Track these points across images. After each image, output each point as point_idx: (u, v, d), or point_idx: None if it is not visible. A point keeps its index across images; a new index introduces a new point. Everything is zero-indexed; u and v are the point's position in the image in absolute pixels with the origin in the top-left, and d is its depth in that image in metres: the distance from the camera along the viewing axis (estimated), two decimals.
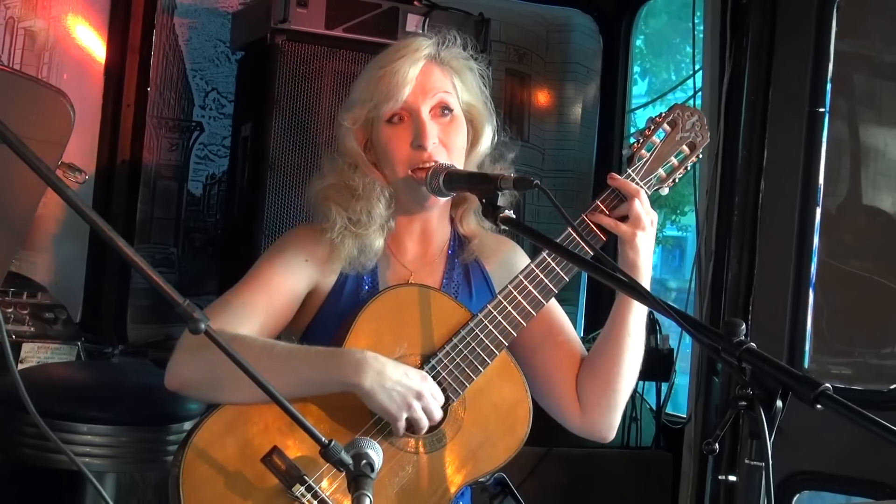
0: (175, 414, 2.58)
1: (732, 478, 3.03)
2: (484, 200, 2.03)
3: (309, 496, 1.98)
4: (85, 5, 3.54)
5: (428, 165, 2.09)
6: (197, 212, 3.71)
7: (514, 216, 2.00)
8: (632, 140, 2.24)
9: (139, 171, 3.59)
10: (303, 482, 1.98)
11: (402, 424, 1.97)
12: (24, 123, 2.49)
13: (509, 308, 2.06)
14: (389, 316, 2.09)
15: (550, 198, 1.98)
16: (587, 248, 2.04)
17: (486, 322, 2.06)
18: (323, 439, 1.82)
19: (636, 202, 2.08)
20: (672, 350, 3.60)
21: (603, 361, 2.16)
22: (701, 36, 3.51)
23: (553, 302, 2.16)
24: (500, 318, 2.07)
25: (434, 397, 1.98)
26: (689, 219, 4.09)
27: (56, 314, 2.99)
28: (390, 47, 2.23)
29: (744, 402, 1.56)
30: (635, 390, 3.68)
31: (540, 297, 2.08)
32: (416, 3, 3.45)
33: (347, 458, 1.85)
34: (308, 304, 2.17)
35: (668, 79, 6.39)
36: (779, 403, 1.56)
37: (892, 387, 2.91)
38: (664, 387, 3.59)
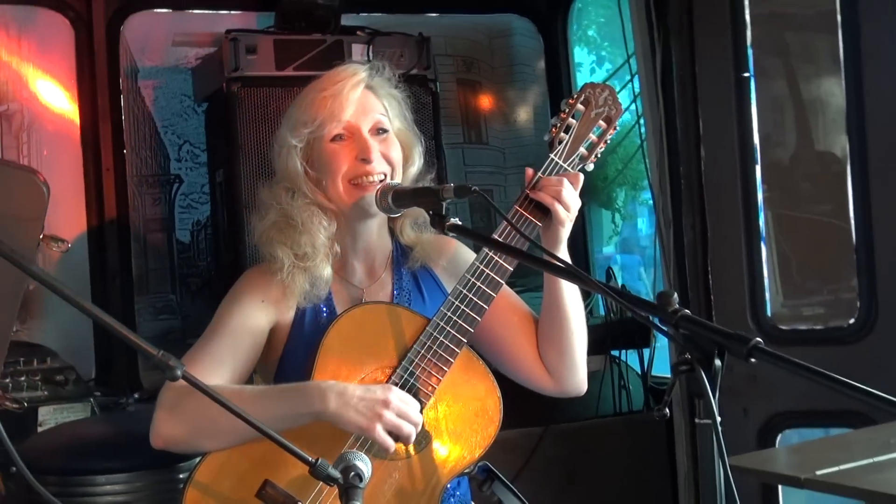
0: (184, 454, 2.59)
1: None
2: (431, 212, 2.03)
3: None
4: (53, 83, 3.54)
5: (371, 180, 2.10)
6: (188, 258, 3.70)
7: (459, 223, 2.00)
8: (551, 125, 2.21)
9: (128, 229, 3.58)
10: None
11: (380, 436, 1.95)
12: (4, 205, 2.50)
13: (462, 307, 2.05)
14: (351, 338, 2.07)
15: (489, 200, 1.99)
16: (524, 238, 2.05)
17: (442, 324, 2.05)
18: (310, 459, 1.81)
19: (556, 207, 2.08)
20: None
21: (552, 331, 2.17)
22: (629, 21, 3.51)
23: (503, 293, 2.15)
24: (455, 317, 2.05)
25: (403, 401, 1.97)
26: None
27: (66, 375, 2.99)
28: (329, 72, 2.23)
29: (685, 367, 1.55)
30: (619, 359, 3.71)
31: (489, 291, 2.07)
32: (358, 33, 3.44)
33: (336, 473, 1.84)
34: (274, 341, 2.16)
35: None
36: (717, 363, 1.55)
37: (852, 321, 2.89)
38: (646, 352, 3.58)
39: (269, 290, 2.13)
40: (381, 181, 2.13)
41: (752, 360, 1.52)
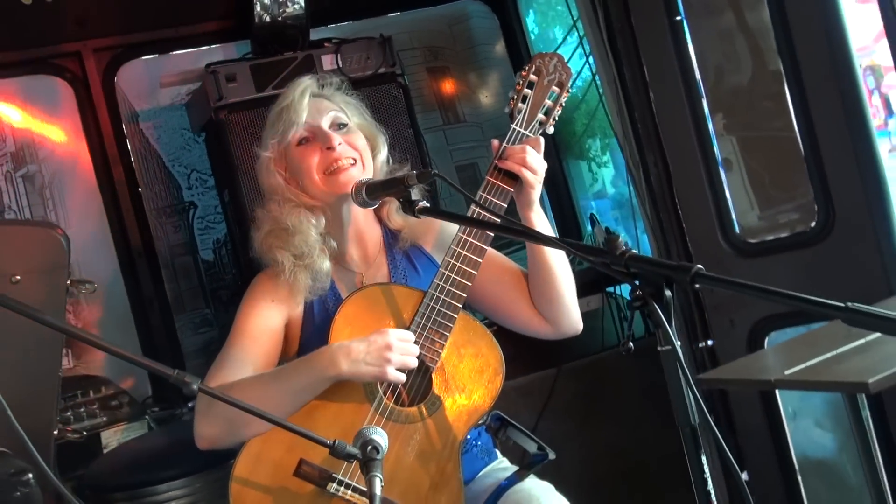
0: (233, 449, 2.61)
1: (710, 343, 3.00)
2: (401, 199, 2.03)
3: (342, 489, 1.99)
4: (64, 139, 3.55)
5: (341, 164, 2.12)
6: (215, 273, 3.72)
7: (428, 205, 2.00)
8: (509, 98, 2.20)
9: (156, 257, 3.59)
10: (333, 479, 2.00)
11: (392, 376, 1.97)
12: (25, 261, 2.52)
13: (453, 275, 2.08)
14: (356, 319, 2.10)
15: (449, 182, 1.98)
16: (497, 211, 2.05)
17: (437, 294, 2.07)
18: (327, 441, 1.83)
19: (523, 172, 2.08)
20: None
21: (540, 283, 2.18)
22: None
23: (492, 255, 2.16)
24: (447, 286, 2.08)
25: (402, 339, 2.00)
26: None
27: (120, 400, 3.02)
28: (282, 92, 2.27)
29: (639, 302, 1.55)
30: (615, 293, 3.68)
31: (474, 258, 2.09)
32: (325, 44, 3.42)
33: (354, 450, 1.86)
34: (290, 336, 2.19)
35: None
36: (667, 293, 1.54)
37: (813, 224, 2.86)
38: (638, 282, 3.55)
39: (277, 291, 2.16)
40: (350, 165, 2.14)
41: (696, 285, 1.51)
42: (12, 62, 3.45)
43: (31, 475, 2.01)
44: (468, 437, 2.20)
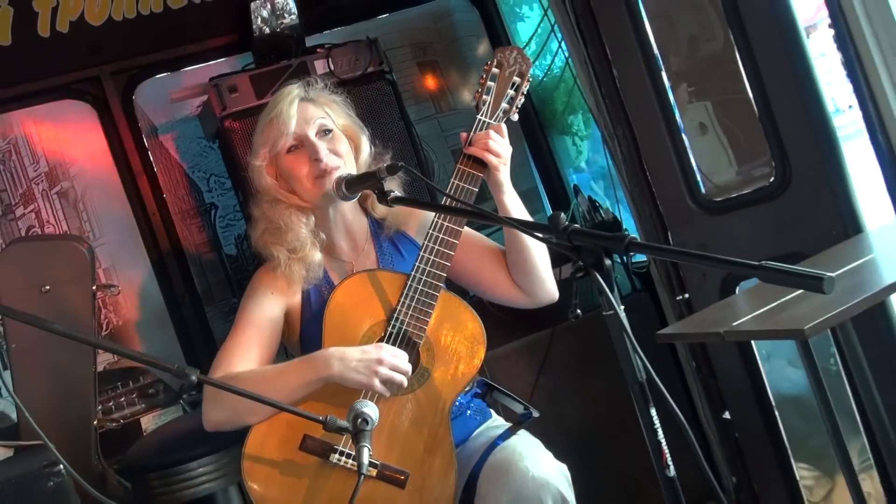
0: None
1: (686, 295, 2.96)
2: (376, 191, 2.03)
3: (343, 458, 2.01)
4: (91, 157, 3.57)
5: (327, 171, 2.12)
6: (239, 266, 3.73)
7: (400, 195, 2.00)
8: (475, 91, 2.20)
9: (184, 256, 3.61)
10: (335, 451, 2.01)
11: (378, 387, 1.97)
12: (53, 272, 2.55)
13: (432, 257, 2.08)
14: (347, 305, 2.11)
15: (416, 173, 1.98)
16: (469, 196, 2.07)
17: (419, 276, 2.08)
18: (319, 418, 1.84)
19: (488, 157, 2.07)
20: (615, 217, 3.52)
21: (515, 258, 2.18)
22: None
23: (466, 230, 2.14)
24: (428, 267, 2.08)
25: (394, 356, 1.99)
26: None
27: (156, 388, 3.05)
28: (271, 100, 2.26)
29: (581, 273, 1.53)
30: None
31: (451, 239, 2.08)
32: (318, 50, 3.40)
33: (344, 423, 1.87)
34: (291, 323, 2.20)
35: None
36: (607, 262, 1.52)
37: (772, 179, 2.81)
38: None
39: (276, 283, 2.17)
40: (335, 168, 2.14)
41: (631, 252, 1.49)
42: (39, 90, 3.46)
43: (62, 466, 2.04)
44: (459, 401, 2.20)
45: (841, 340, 1.81)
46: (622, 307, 1.53)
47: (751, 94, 2.79)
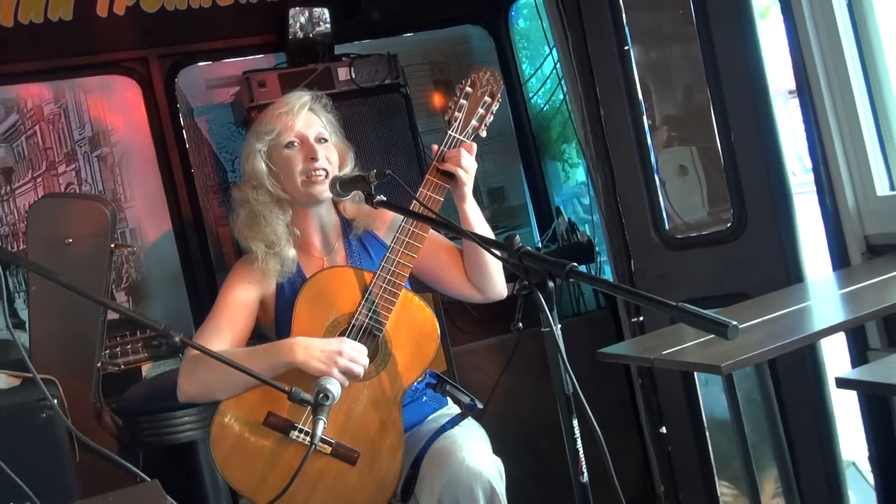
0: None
1: (641, 318, 2.96)
2: (364, 193, 2.02)
3: (302, 436, 2.01)
4: (131, 128, 3.57)
5: (318, 174, 2.14)
6: None
7: (384, 199, 1.99)
8: (448, 107, 2.16)
9: (203, 225, 3.60)
10: (295, 428, 2.01)
11: (338, 375, 1.97)
12: (77, 227, 2.56)
13: (397, 258, 2.06)
14: (315, 297, 2.10)
15: (401, 183, 1.97)
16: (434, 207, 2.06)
17: (383, 273, 2.06)
18: (285, 388, 1.84)
19: (458, 172, 2.07)
20: (590, 239, 3.51)
21: (472, 260, 2.18)
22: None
23: (431, 237, 2.13)
24: (392, 267, 2.07)
25: (354, 349, 1.99)
26: None
27: (160, 340, 3.05)
28: (284, 97, 2.27)
29: (525, 291, 1.53)
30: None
31: (416, 243, 2.08)
32: (343, 59, 3.40)
33: (307, 396, 1.87)
34: (267, 310, 2.19)
35: None
36: (550, 284, 1.52)
37: (728, 225, 2.80)
38: (593, 266, 3.51)
39: (252, 274, 2.16)
40: (324, 177, 2.14)
41: (570, 279, 1.48)
42: (93, 64, 3.47)
43: (56, 401, 2.06)
44: (415, 387, 2.20)
45: (756, 377, 1.80)
46: (559, 326, 1.53)
47: (719, 146, 2.78)
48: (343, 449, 1.99)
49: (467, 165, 2.06)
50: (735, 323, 1.24)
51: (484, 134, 2.15)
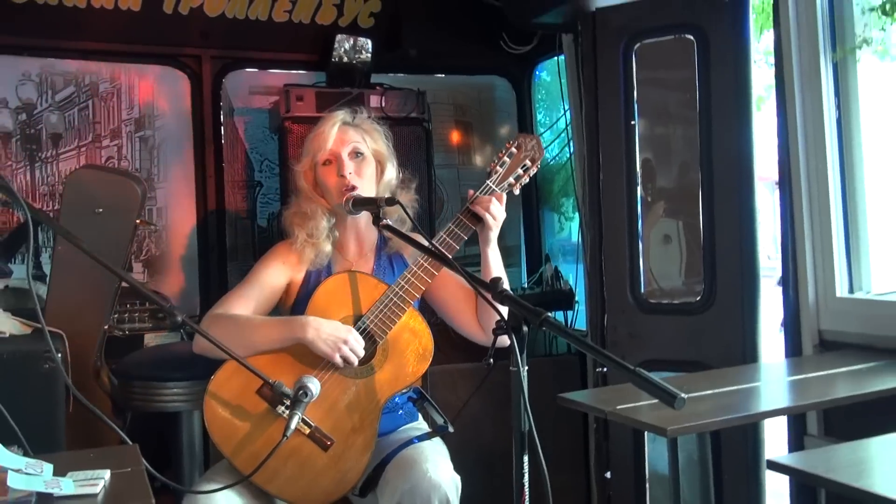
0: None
1: (605, 369, 2.95)
2: (373, 215, 2.04)
3: (287, 412, 2.00)
4: (175, 117, 3.59)
5: (349, 187, 2.12)
6: (265, 237, 3.72)
7: (391, 223, 2.01)
8: (492, 160, 2.20)
9: (224, 216, 3.61)
10: (283, 403, 2.01)
11: (338, 359, 1.99)
12: (108, 199, 2.56)
13: (412, 279, 2.10)
14: (335, 292, 2.14)
15: (408, 214, 1.98)
16: (454, 242, 2.11)
17: (396, 289, 2.08)
18: (269, 380, 1.84)
19: (486, 216, 2.07)
20: (571, 288, 3.52)
21: (484, 305, 2.18)
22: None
23: (449, 273, 2.13)
24: (405, 285, 2.10)
25: (357, 341, 2.01)
26: None
27: (165, 314, 3.03)
28: (321, 120, 2.28)
29: (499, 330, 1.53)
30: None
31: (432, 269, 2.10)
32: (377, 87, 3.42)
33: (288, 391, 1.86)
34: (291, 291, 2.24)
35: None
36: (525, 328, 1.52)
37: (698, 298, 2.81)
38: (570, 313, 3.52)
39: (288, 256, 2.20)
40: (353, 190, 2.15)
41: (543, 328, 1.49)
42: (151, 53, 3.50)
43: (60, 355, 2.05)
44: (395, 400, 2.20)
45: (698, 444, 1.80)
46: (526, 367, 1.53)
47: (701, 224, 2.79)
48: (320, 434, 2.00)
49: (496, 212, 2.09)
50: (683, 395, 1.24)
51: (517, 192, 2.19)
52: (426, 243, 1.95)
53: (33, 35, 3.26)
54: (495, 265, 2.15)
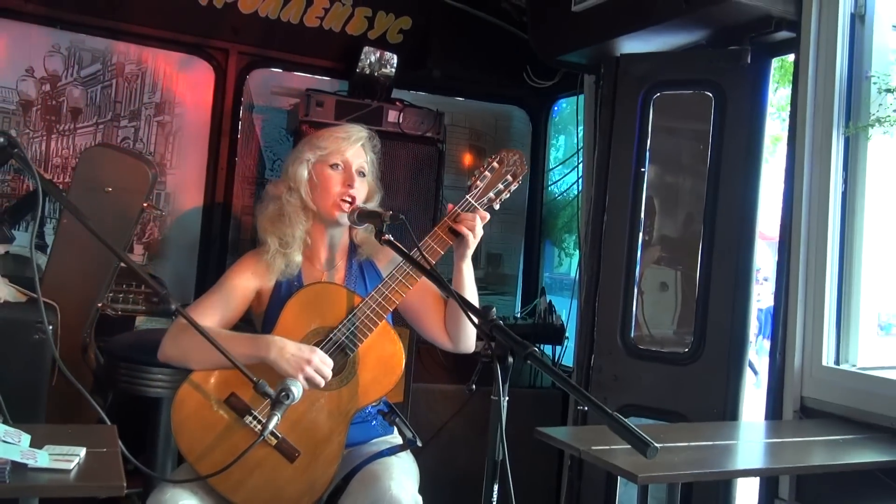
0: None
1: (585, 408, 2.95)
2: (376, 230, 2.04)
3: (254, 422, 2.00)
4: (195, 106, 3.62)
5: (349, 199, 2.13)
6: None
7: (390, 237, 2.01)
8: (472, 174, 2.17)
9: (230, 210, 3.63)
10: (251, 414, 2.00)
11: (301, 381, 1.95)
12: (119, 179, 2.58)
13: (387, 292, 2.07)
14: (306, 304, 2.10)
15: (408, 227, 1.98)
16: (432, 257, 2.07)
17: (371, 302, 2.07)
18: (254, 378, 1.84)
19: (468, 235, 2.07)
20: (563, 324, 3.53)
21: (452, 315, 2.19)
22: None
23: (424, 280, 2.11)
24: (380, 298, 2.07)
25: (322, 361, 1.99)
26: None
27: (160, 300, 3.04)
28: (346, 125, 2.28)
29: (485, 359, 1.54)
30: (540, 350, 3.64)
31: (407, 284, 2.07)
32: (397, 103, 3.46)
33: (270, 390, 1.87)
34: (261, 300, 2.19)
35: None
36: (510, 359, 1.53)
37: (686, 349, 2.82)
38: (559, 348, 3.53)
39: (258, 266, 2.16)
40: (350, 205, 2.15)
41: (528, 361, 1.50)
42: (181, 41, 3.53)
43: (51, 328, 2.06)
44: (368, 411, 2.20)
45: (667, 495, 1.81)
46: (507, 398, 1.54)
47: (698, 278, 2.81)
48: (287, 445, 1.99)
49: (477, 230, 2.08)
50: (656, 445, 1.25)
51: (497, 207, 2.17)
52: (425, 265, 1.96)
53: (68, 9, 3.30)
54: (468, 282, 2.15)
